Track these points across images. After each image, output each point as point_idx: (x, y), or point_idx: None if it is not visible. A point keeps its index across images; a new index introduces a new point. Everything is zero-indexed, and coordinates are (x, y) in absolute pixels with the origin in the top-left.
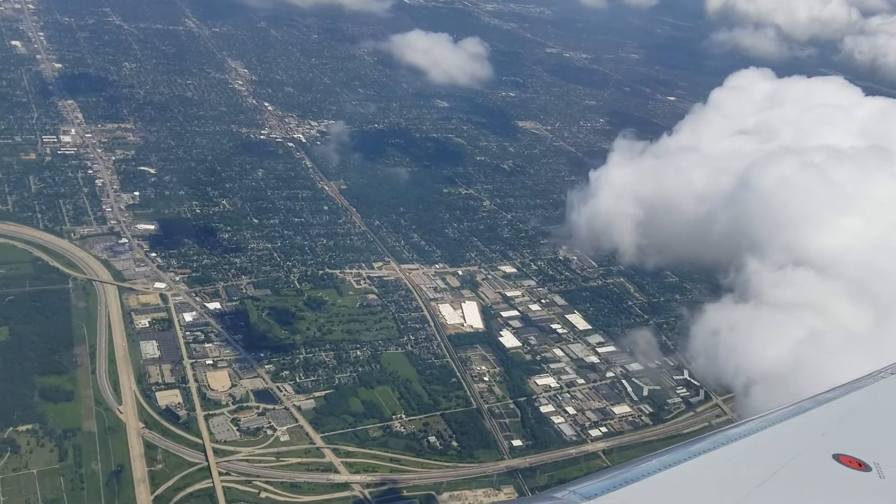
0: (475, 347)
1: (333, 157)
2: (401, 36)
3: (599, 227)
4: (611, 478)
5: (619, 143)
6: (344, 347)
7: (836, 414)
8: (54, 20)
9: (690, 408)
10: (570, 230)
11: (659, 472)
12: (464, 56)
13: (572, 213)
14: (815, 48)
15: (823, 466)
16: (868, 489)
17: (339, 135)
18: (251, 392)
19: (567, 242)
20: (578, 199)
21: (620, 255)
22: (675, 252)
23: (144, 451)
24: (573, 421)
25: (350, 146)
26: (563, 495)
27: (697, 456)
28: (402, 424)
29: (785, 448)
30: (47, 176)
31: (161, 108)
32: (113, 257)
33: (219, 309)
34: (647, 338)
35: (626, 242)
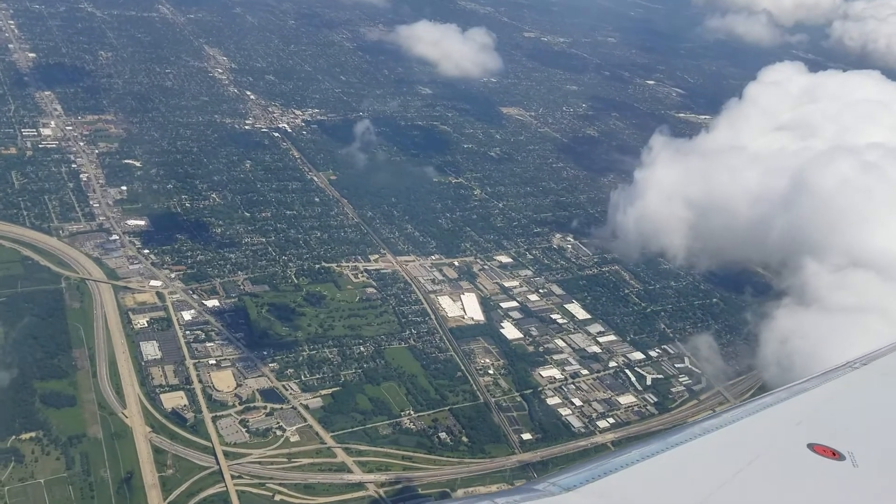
0: (477, 340)
1: (320, 147)
2: (378, 22)
3: (646, 229)
4: (590, 469)
5: (656, 140)
6: (347, 343)
7: (811, 404)
8: (24, 7)
9: (694, 396)
10: (613, 232)
11: (637, 463)
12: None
13: (616, 214)
14: (804, 34)
15: (798, 456)
16: (842, 478)
17: (323, 124)
18: (257, 392)
19: (610, 245)
20: (623, 200)
21: (669, 258)
22: (726, 254)
23: (153, 455)
24: (580, 412)
25: (336, 135)
26: (544, 486)
27: (675, 447)
28: (411, 421)
29: (760, 438)
30: (30, 171)
31: (141, 98)
32: (105, 255)
33: (217, 306)
34: (709, 343)
35: (675, 245)
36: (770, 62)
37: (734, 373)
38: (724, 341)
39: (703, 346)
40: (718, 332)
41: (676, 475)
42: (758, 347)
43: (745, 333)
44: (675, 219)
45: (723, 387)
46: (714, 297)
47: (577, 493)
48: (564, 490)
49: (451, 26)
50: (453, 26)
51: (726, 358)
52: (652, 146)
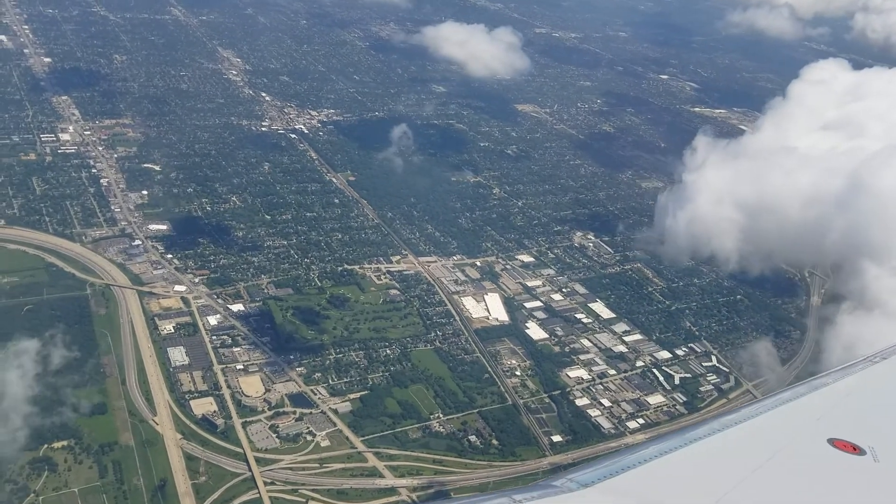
0: (503, 341)
1: (338, 148)
2: (389, 21)
3: (696, 233)
4: (607, 465)
5: (700, 141)
6: (373, 346)
7: (831, 399)
8: (38, 12)
9: (723, 394)
10: (662, 235)
11: (655, 459)
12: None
13: (665, 217)
14: (826, 27)
15: (818, 451)
16: (863, 473)
17: (339, 124)
18: (286, 397)
19: (658, 248)
20: (672, 202)
21: (720, 262)
22: (779, 257)
23: (185, 462)
24: (609, 413)
25: (353, 136)
26: (562, 483)
27: (693, 442)
28: (440, 424)
29: (780, 433)
30: (51, 177)
31: (158, 101)
32: (128, 260)
33: (242, 311)
34: (768, 349)
35: (727, 248)
36: (783, 55)
37: (764, 371)
38: (751, 338)
39: (761, 352)
40: (745, 330)
41: (695, 471)
42: (802, 348)
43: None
44: (726, 222)
45: (751, 385)
46: (738, 294)
47: (594, 489)
48: (582, 486)
49: (463, 25)
50: (468, 25)
51: (754, 356)
52: (696, 147)
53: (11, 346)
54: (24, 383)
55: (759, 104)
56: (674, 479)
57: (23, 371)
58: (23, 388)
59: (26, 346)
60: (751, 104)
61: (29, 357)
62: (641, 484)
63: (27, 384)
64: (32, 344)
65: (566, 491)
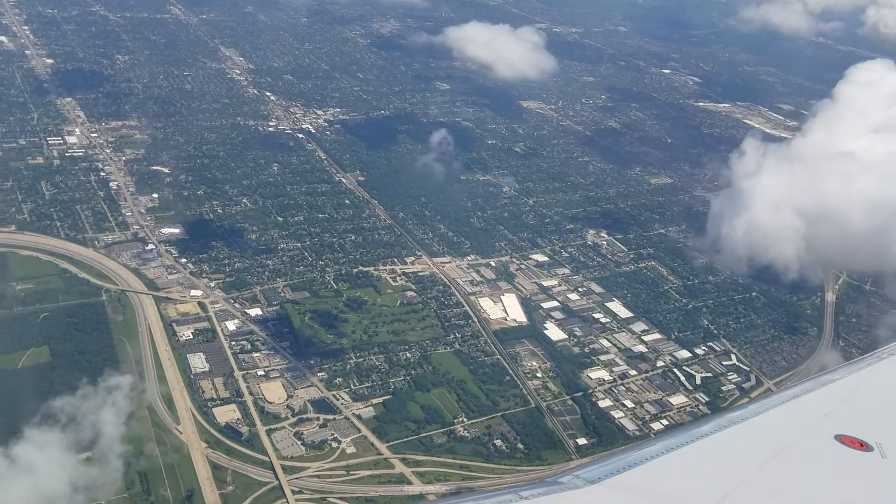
0: (522, 342)
1: (346, 148)
2: (390, 17)
3: (754, 240)
4: (614, 462)
5: (749, 144)
6: (392, 349)
7: (838, 395)
8: (37, 12)
9: (744, 394)
10: (716, 243)
11: (662, 456)
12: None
13: (721, 225)
14: (839, 21)
15: (825, 447)
16: (870, 469)
17: (346, 123)
18: (308, 402)
19: (712, 257)
20: (727, 209)
21: (780, 271)
22: (839, 264)
23: (212, 472)
24: (633, 415)
25: (360, 135)
26: (568, 480)
27: (700, 439)
28: (464, 428)
29: (787, 429)
30: (59, 181)
31: (163, 102)
32: (143, 265)
33: (260, 315)
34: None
35: (785, 256)
36: (784, 48)
37: (783, 368)
38: (769, 336)
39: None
40: (763, 327)
41: (701, 467)
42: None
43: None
44: (785, 230)
45: (772, 383)
46: (753, 292)
47: (601, 485)
48: (589, 483)
49: (466, 20)
50: (468, 22)
51: (773, 353)
52: (744, 151)
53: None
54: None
55: (762, 98)
56: (680, 475)
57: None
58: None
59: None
60: (754, 98)
61: (47, 365)
62: (648, 480)
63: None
64: (48, 351)
65: (573, 487)
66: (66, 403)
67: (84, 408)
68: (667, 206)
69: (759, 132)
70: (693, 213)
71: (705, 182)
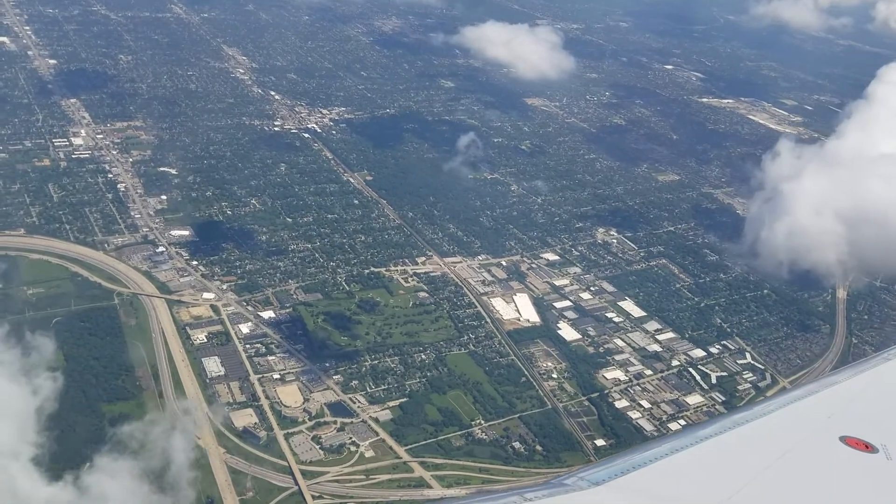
0: (536, 342)
1: (352, 147)
2: (391, 14)
3: (796, 245)
4: (619, 464)
5: (784, 145)
6: (407, 351)
7: (843, 396)
8: (38, 12)
9: (760, 392)
10: (753, 248)
11: (666, 457)
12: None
13: (758, 229)
14: (849, 17)
15: (830, 449)
16: (875, 471)
17: (352, 122)
18: (325, 406)
19: (752, 263)
20: (767, 214)
21: (822, 277)
22: (885, 269)
23: (231, 478)
24: (650, 415)
25: (366, 134)
26: (573, 482)
27: (704, 440)
28: (482, 431)
29: (792, 431)
30: (67, 183)
31: (167, 102)
32: (154, 268)
33: (273, 318)
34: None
35: (828, 261)
36: (784, 42)
37: (798, 367)
38: (783, 334)
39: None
40: (776, 325)
41: (706, 469)
42: None
43: (812, 326)
44: (826, 233)
45: (787, 382)
46: (765, 289)
47: (605, 487)
48: (593, 485)
49: (468, 17)
50: (472, 18)
51: (787, 351)
52: (779, 152)
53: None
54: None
55: (765, 94)
56: (684, 476)
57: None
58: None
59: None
60: (757, 94)
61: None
62: (652, 482)
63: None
64: (62, 356)
65: (577, 489)
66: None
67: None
68: (675, 203)
69: (793, 136)
70: (702, 210)
71: (713, 179)
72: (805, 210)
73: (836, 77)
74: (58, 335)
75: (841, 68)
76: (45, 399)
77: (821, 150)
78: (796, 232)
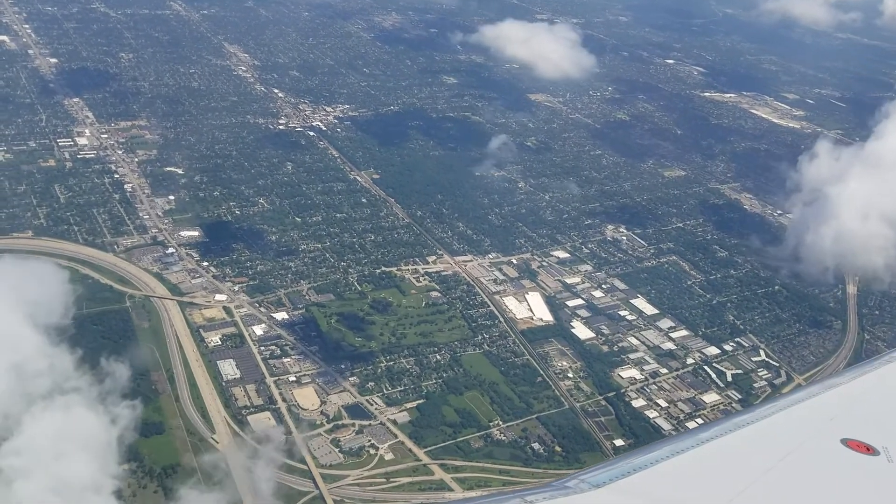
0: (550, 342)
1: (358, 145)
2: (391, 10)
3: (841, 249)
4: (620, 466)
5: (822, 146)
6: (422, 352)
7: (845, 398)
8: (37, 10)
9: (776, 390)
10: (795, 252)
11: (667, 460)
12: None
13: (800, 233)
14: (858, 12)
15: (832, 451)
16: (877, 473)
17: (356, 120)
18: (342, 408)
19: (795, 268)
20: (811, 217)
21: (867, 282)
22: None
23: (251, 483)
24: (667, 414)
25: (371, 131)
26: (574, 484)
27: (706, 443)
28: (500, 432)
29: (793, 433)
30: (73, 184)
31: (170, 101)
32: (164, 270)
33: (286, 319)
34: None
35: (876, 265)
36: (783, 36)
37: (812, 363)
38: (795, 330)
39: None
40: (788, 322)
41: (707, 472)
42: None
43: (824, 323)
44: (875, 237)
45: (802, 379)
46: (776, 285)
47: (606, 489)
48: (594, 487)
49: (467, 12)
50: (472, 13)
51: (800, 348)
52: (816, 154)
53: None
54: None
55: (766, 88)
56: (686, 479)
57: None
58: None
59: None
60: (759, 88)
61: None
62: (653, 484)
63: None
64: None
65: (578, 491)
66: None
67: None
68: (682, 199)
69: (830, 141)
70: (710, 206)
71: (719, 174)
72: (850, 213)
73: (836, 70)
74: (70, 338)
75: (840, 62)
76: (124, 429)
77: (860, 152)
78: (842, 236)
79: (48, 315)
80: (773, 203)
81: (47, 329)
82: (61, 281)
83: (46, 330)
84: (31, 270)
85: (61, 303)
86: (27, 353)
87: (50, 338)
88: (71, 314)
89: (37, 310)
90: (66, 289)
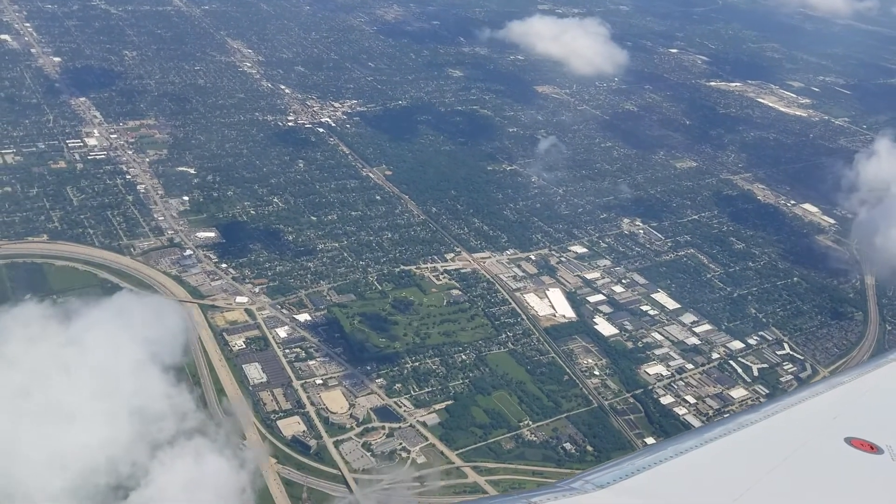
0: (574, 339)
1: (368, 141)
2: (392, 3)
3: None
4: (624, 466)
5: (881, 144)
6: (447, 352)
7: (848, 397)
8: (37, 8)
9: (802, 384)
10: (865, 254)
11: (671, 460)
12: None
13: (874, 235)
14: (874, 0)
15: (835, 450)
16: (880, 472)
17: (365, 115)
18: (371, 411)
19: (859, 269)
20: (879, 218)
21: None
22: None
23: (284, 489)
24: (696, 410)
25: (381, 127)
26: (579, 485)
27: (710, 442)
28: (531, 432)
29: (797, 432)
30: (85, 186)
31: (178, 99)
32: (183, 272)
33: (309, 320)
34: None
35: None
36: (783, 23)
37: (836, 355)
38: (817, 322)
39: None
40: (810, 314)
41: (711, 471)
42: None
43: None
44: None
45: (827, 371)
46: (794, 276)
47: (610, 490)
48: (599, 487)
49: (469, 3)
50: (474, 4)
51: (824, 340)
52: (876, 152)
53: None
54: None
55: (771, 76)
56: (690, 479)
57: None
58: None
59: None
60: (764, 76)
61: None
62: (658, 484)
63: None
64: None
65: (583, 492)
66: None
67: None
68: (696, 190)
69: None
70: (723, 197)
71: (730, 165)
72: None
73: (838, 57)
74: None
75: (842, 48)
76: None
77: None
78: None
79: (166, 354)
80: (786, 193)
81: (165, 368)
82: (177, 318)
83: (165, 369)
84: (146, 306)
85: (178, 342)
86: (150, 395)
87: (168, 378)
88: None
89: (155, 349)
90: (181, 326)
